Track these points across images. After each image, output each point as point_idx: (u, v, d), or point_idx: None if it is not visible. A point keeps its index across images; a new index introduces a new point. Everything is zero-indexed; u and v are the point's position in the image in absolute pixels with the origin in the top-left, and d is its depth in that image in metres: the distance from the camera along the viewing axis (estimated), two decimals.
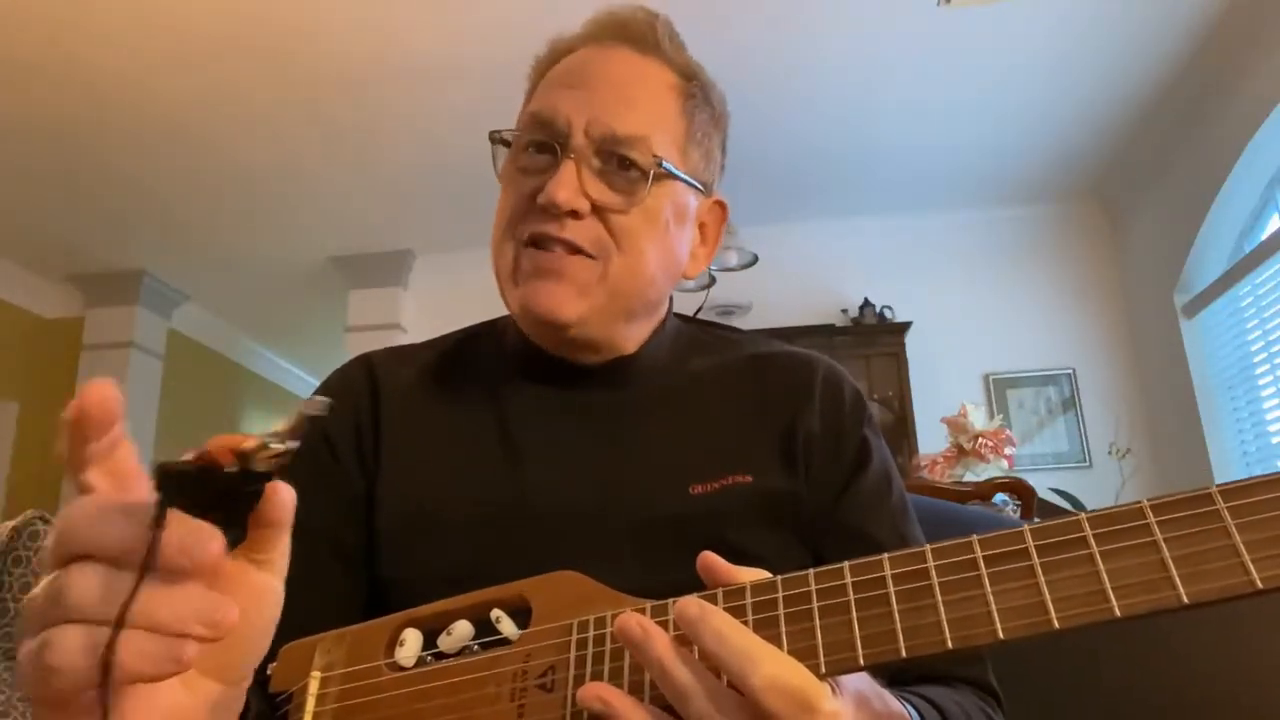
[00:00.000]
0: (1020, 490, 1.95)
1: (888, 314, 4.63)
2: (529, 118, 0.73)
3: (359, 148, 4.04)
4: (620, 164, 0.70)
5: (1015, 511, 1.95)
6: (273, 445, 0.38)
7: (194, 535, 0.35)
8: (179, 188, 4.30)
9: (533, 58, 0.80)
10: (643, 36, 0.75)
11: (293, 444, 0.38)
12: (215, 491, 0.37)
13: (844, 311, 4.70)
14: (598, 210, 0.70)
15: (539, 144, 0.71)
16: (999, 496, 1.98)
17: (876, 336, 4.57)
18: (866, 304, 4.62)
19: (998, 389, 4.57)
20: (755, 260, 3.74)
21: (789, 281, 4.68)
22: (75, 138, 3.83)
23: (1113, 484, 4.06)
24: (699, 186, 0.76)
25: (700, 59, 0.79)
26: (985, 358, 4.59)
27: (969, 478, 2.54)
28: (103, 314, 5.21)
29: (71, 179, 4.16)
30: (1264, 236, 3.61)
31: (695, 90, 0.76)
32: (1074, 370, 4.55)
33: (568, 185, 0.68)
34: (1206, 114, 3.68)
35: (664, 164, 0.71)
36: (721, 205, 0.81)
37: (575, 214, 0.68)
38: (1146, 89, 3.77)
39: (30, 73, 3.39)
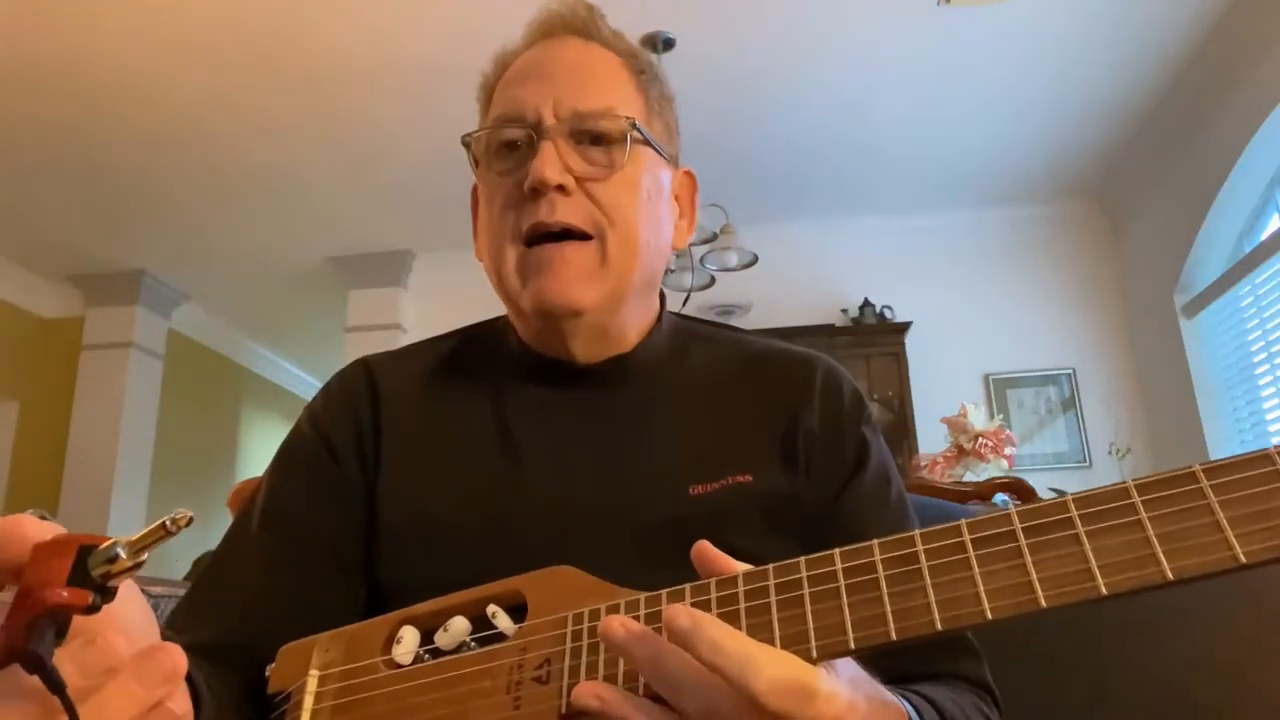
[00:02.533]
0: (1020, 490, 1.95)
1: (888, 314, 4.63)
2: (495, 121, 0.74)
3: (359, 148, 4.04)
4: (593, 139, 0.72)
5: None
6: (121, 559, 0.35)
7: (91, 661, 0.35)
8: (179, 188, 4.30)
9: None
10: (585, 25, 0.78)
11: (141, 559, 0.36)
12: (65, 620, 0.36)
13: (844, 311, 4.70)
14: (583, 186, 0.71)
15: (511, 143, 0.73)
16: (999, 496, 1.98)
17: (876, 336, 4.57)
18: (866, 304, 4.62)
19: (998, 389, 4.57)
20: (755, 260, 3.74)
21: (789, 281, 4.68)
22: (76, 138, 3.83)
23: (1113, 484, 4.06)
24: (667, 156, 0.78)
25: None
26: (985, 358, 4.59)
27: (969, 478, 2.53)
28: (103, 314, 5.22)
29: (71, 179, 4.16)
30: (1264, 236, 3.61)
31: (644, 66, 0.79)
32: (1074, 370, 4.55)
33: (551, 162, 0.69)
34: (1206, 114, 3.68)
35: (637, 125, 0.73)
36: (690, 176, 0.83)
37: (563, 189, 0.70)
38: (1147, 89, 3.77)
39: (30, 73, 3.39)
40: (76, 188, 4.24)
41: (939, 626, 0.40)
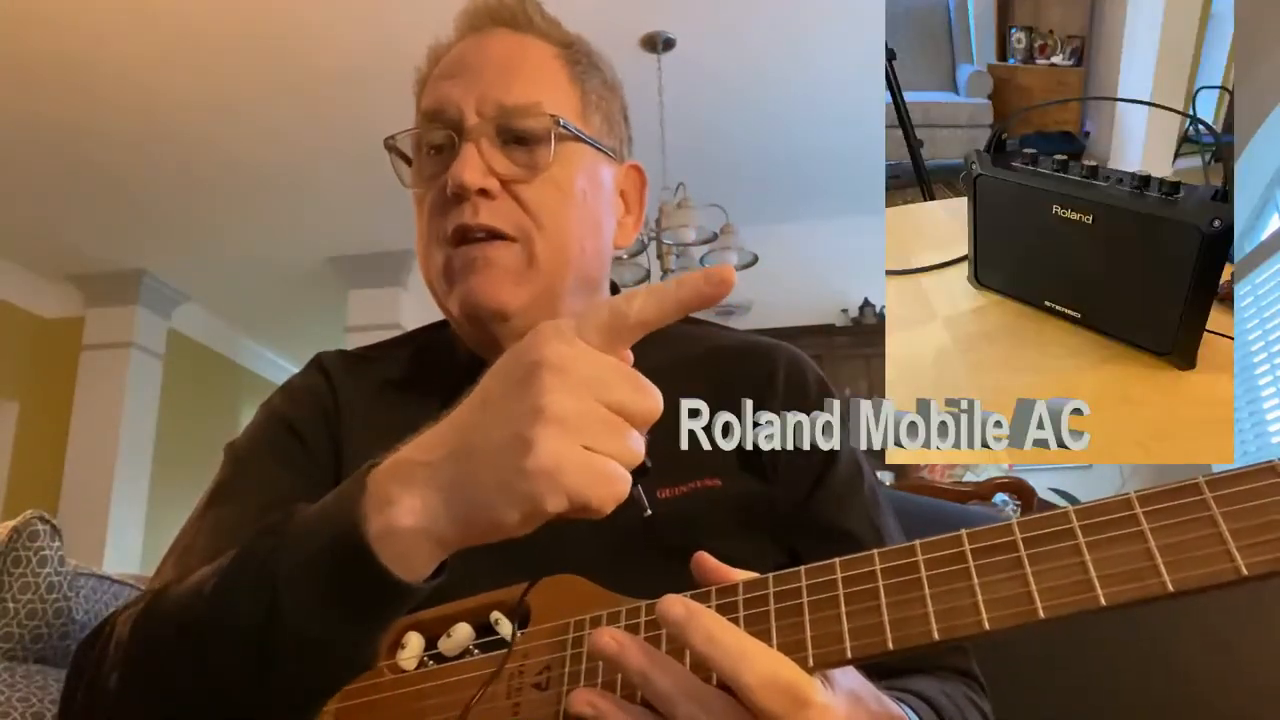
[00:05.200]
0: (1020, 490, 1.96)
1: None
2: (420, 119, 0.72)
3: (359, 147, 4.03)
4: (518, 139, 0.69)
5: (1015, 511, 1.95)
6: None
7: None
8: (179, 188, 4.30)
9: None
10: (515, 16, 0.74)
11: None
12: None
13: (844, 311, 4.71)
14: (509, 188, 0.69)
15: (436, 145, 0.71)
16: (999, 496, 1.98)
17: (876, 336, 4.55)
18: (866, 304, 4.63)
19: None
20: (755, 260, 3.73)
21: (789, 281, 4.68)
22: (75, 138, 3.84)
23: (1112, 484, 4.06)
24: (608, 151, 0.75)
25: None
26: None
27: (969, 478, 2.54)
28: (103, 314, 5.22)
29: (71, 179, 4.17)
30: (1264, 236, 3.61)
31: (580, 57, 0.75)
32: None
33: (471, 165, 0.67)
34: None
35: (563, 123, 0.70)
36: (637, 170, 0.80)
37: (486, 193, 0.68)
38: None
39: (30, 73, 3.40)
40: (76, 188, 4.25)
41: (936, 637, 0.40)
